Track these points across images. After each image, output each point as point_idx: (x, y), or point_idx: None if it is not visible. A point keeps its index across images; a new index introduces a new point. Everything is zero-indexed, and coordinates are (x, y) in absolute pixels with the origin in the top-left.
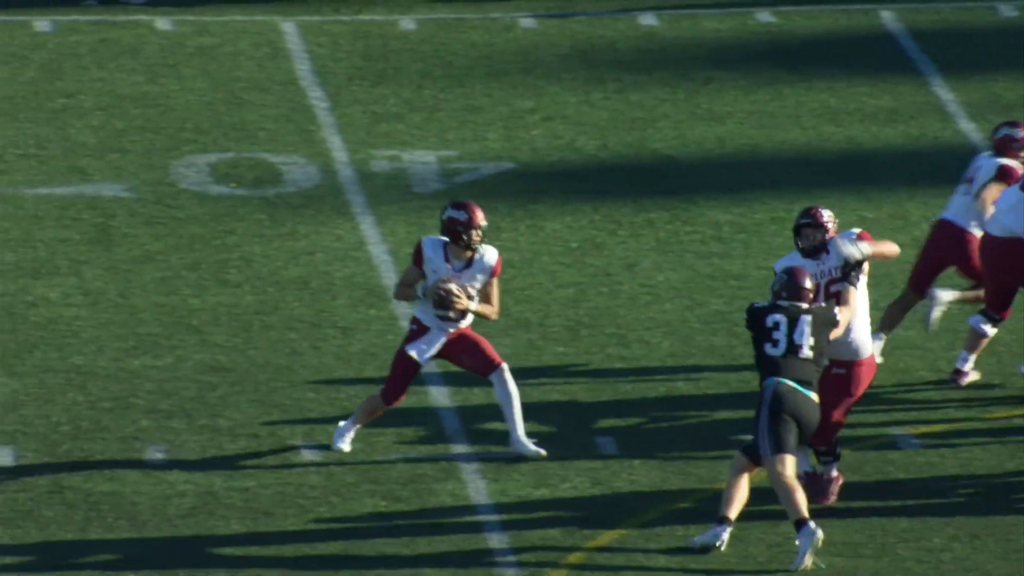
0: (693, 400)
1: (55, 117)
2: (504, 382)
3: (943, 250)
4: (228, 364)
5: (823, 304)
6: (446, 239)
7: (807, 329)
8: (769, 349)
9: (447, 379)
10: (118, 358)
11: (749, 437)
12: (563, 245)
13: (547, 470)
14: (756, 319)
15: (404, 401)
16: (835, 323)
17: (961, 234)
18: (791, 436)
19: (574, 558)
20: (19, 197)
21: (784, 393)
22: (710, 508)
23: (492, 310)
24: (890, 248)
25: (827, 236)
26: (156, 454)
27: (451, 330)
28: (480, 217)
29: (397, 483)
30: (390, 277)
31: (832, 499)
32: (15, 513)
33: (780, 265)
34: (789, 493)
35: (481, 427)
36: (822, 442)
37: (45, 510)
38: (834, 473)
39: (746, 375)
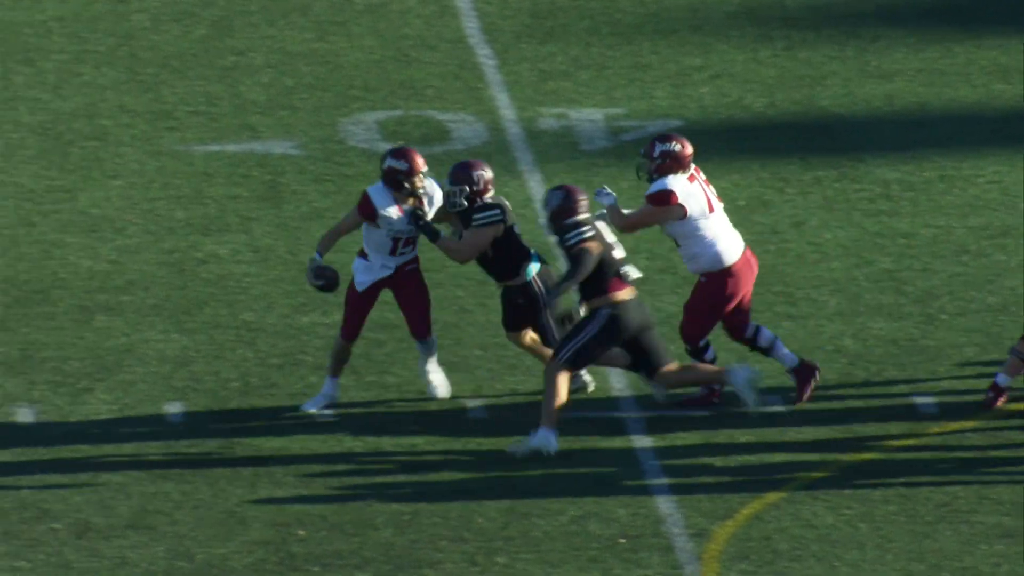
0: (860, 358)
1: (225, 74)
2: (427, 352)
3: None
4: (396, 321)
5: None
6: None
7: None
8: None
9: None
10: (287, 315)
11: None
12: (730, 203)
13: (714, 428)
14: None
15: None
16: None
17: None
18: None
19: (741, 516)
20: (190, 154)
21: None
22: (879, 467)
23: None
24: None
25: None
26: (324, 411)
27: (394, 266)
28: (421, 163)
29: (565, 439)
30: None
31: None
32: (186, 468)
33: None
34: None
35: (647, 385)
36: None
37: (215, 466)
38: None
39: (913, 333)
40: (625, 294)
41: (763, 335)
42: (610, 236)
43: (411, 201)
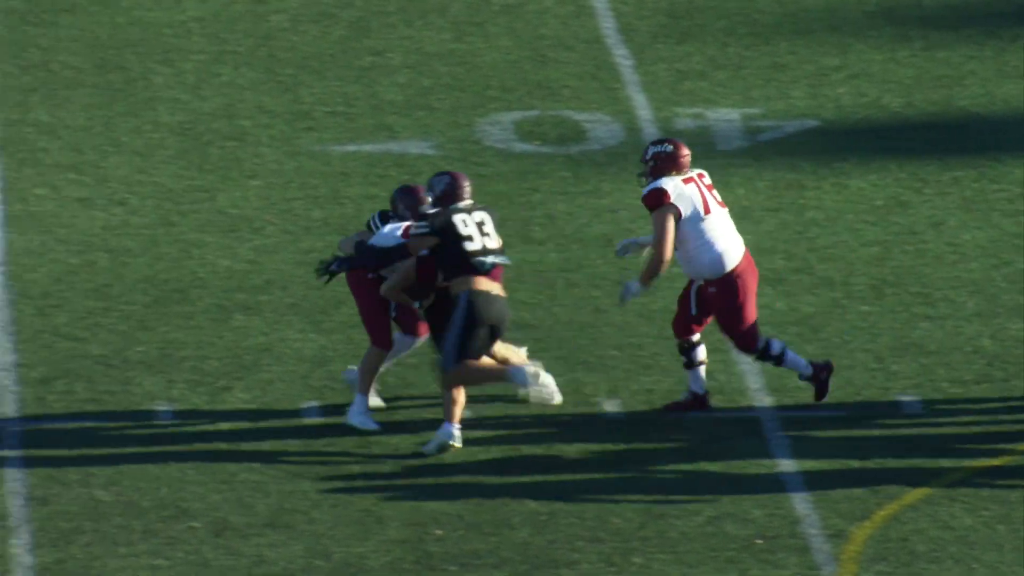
0: (998, 359)
1: (363, 75)
2: (408, 347)
3: None
4: (532, 321)
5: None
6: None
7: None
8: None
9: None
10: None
11: None
12: (868, 203)
13: (850, 428)
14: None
15: (710, 358)
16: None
17: None
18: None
19: (878, 517)
20: (327, 154)
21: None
22: (1017, 469)
23: None
24: None
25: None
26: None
27: None
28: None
29: (700, 440)
30: None
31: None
32: (323, 467)
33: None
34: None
35: (783, 384)
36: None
37: (352, 465)
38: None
39: None
40: (482, 284)
41: (773, 346)
42: (477, 228)
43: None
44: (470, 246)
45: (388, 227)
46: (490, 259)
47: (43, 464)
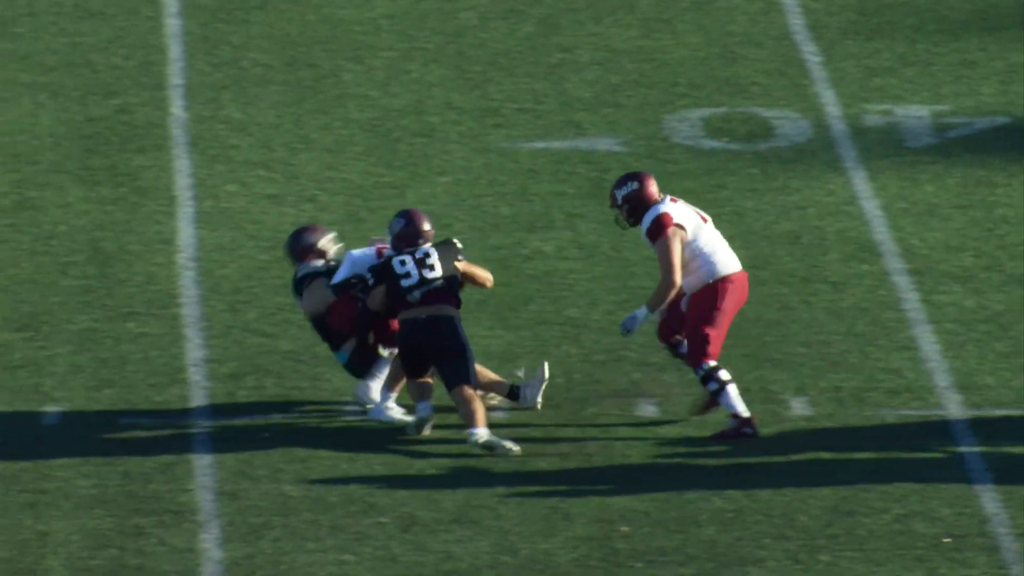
0: None
1: (552, 72)
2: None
3: None
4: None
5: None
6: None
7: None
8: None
9: (939, 333)
10: (611, 311)
11: None
12: None
13: None
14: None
15: (897, 356)
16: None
17: None
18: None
19: None
20: (515, 151)
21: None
22: None
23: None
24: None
25: None
26: (648, 408)
27: None
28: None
29: (888, 438)
30: (882, 232)
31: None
32: (510, 463)
33: None
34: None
35: (971, 382)
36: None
37: (539, 461)
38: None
39: None
40: (409, 313)
41: (720, 375)
42: (416, 264)
43: None
44: (407, 283)
45: (361, 251)
46: (420, 290)
47: (233, 459)
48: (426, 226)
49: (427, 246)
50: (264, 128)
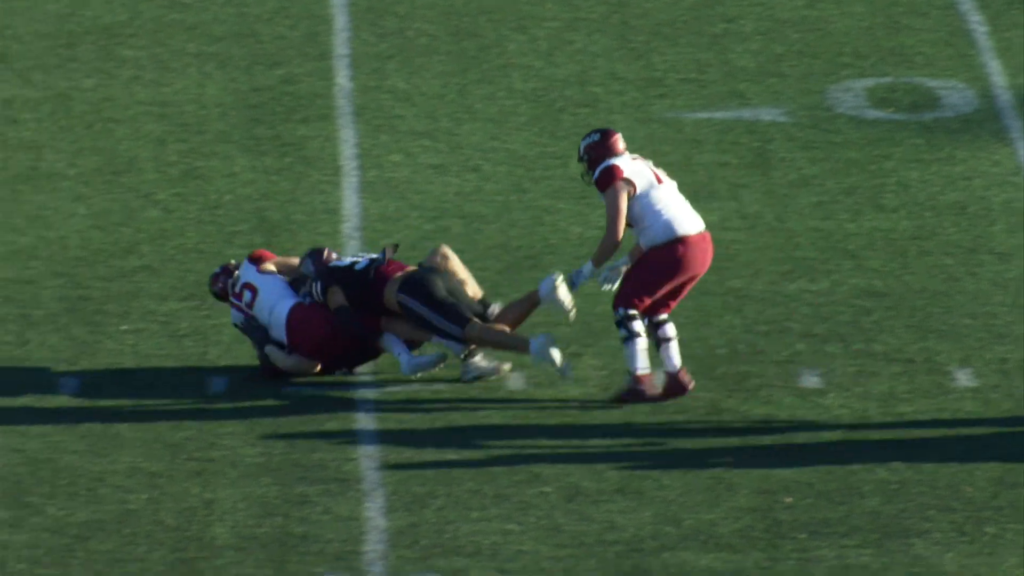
0: None
1: (715, 42)
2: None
3: None
4: (883, 289)
5: None
6: None
7: None
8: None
9: None
10: (774, 282)
11: None
12: None
13: None
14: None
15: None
16: None
17: None
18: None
19: None
20: (679, 121)
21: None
22: None
23: None
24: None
25: None
26: (811, 378)
27: None
28: None
29: None
30: None
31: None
32: (671, 435)
33: None
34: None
35: None
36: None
37: (702, 432)
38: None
39: None
40: (396, 275)
41: (633, 326)
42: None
43: None
44: (359, 265)
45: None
46: (363, 260)
47: (397, 428)
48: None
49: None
50: (428, 98)
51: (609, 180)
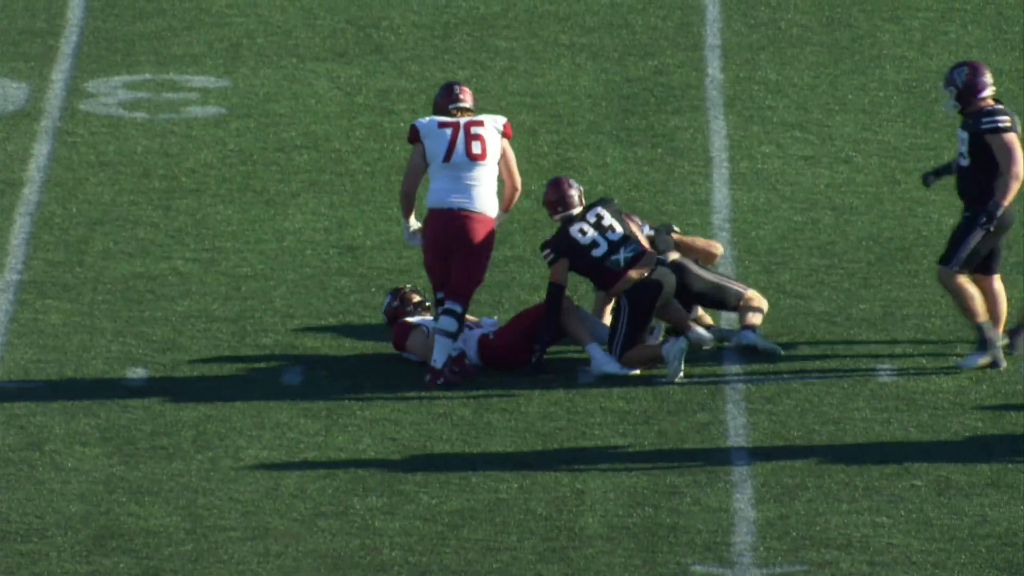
0: None
1: None
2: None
3: None
4: None
5: None
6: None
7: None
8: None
9: None
10: None
11: None
12: None
13: None
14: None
15: None
16: None
17: None
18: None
19: None
20: None
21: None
22: None
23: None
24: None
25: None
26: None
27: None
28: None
29: None
30: None
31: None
32: None
33: None
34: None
35: None
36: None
37: None
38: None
39: None
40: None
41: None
42: (596, 229)
43: None
44: (596, 252)
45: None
46: (620, 256)
47: (766, 420)
48: (575, 190)
49: (596, 207)
50: (800, 89)
51: (410, 139)
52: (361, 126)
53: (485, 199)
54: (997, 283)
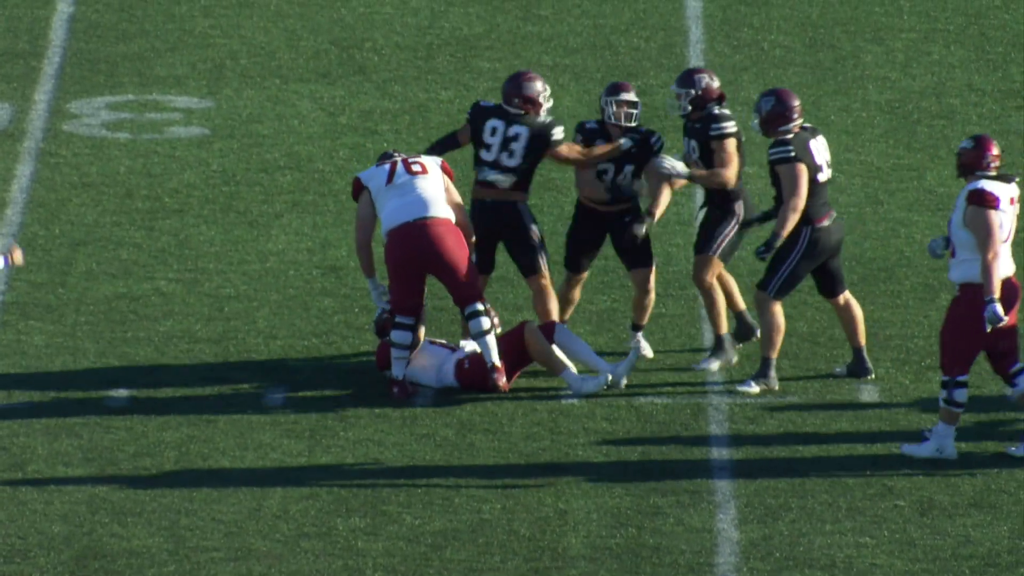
0: None
1: None
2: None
3: None
4: None
5: None
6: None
7: None
8: None
9: None
10: None
11: None
12: None
13: None
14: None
15: None
16: None
17: None
18: None
19: None
20: None
21: None
22: None
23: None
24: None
25: None
26: None
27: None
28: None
29: None
30: None
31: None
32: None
33: None
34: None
35: None
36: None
37: None
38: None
39: None
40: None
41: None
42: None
43: None
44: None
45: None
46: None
47: (750, 440)
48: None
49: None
50: None
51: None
52: (344, 147)
53: (439, 205)
54: (844, 299)
